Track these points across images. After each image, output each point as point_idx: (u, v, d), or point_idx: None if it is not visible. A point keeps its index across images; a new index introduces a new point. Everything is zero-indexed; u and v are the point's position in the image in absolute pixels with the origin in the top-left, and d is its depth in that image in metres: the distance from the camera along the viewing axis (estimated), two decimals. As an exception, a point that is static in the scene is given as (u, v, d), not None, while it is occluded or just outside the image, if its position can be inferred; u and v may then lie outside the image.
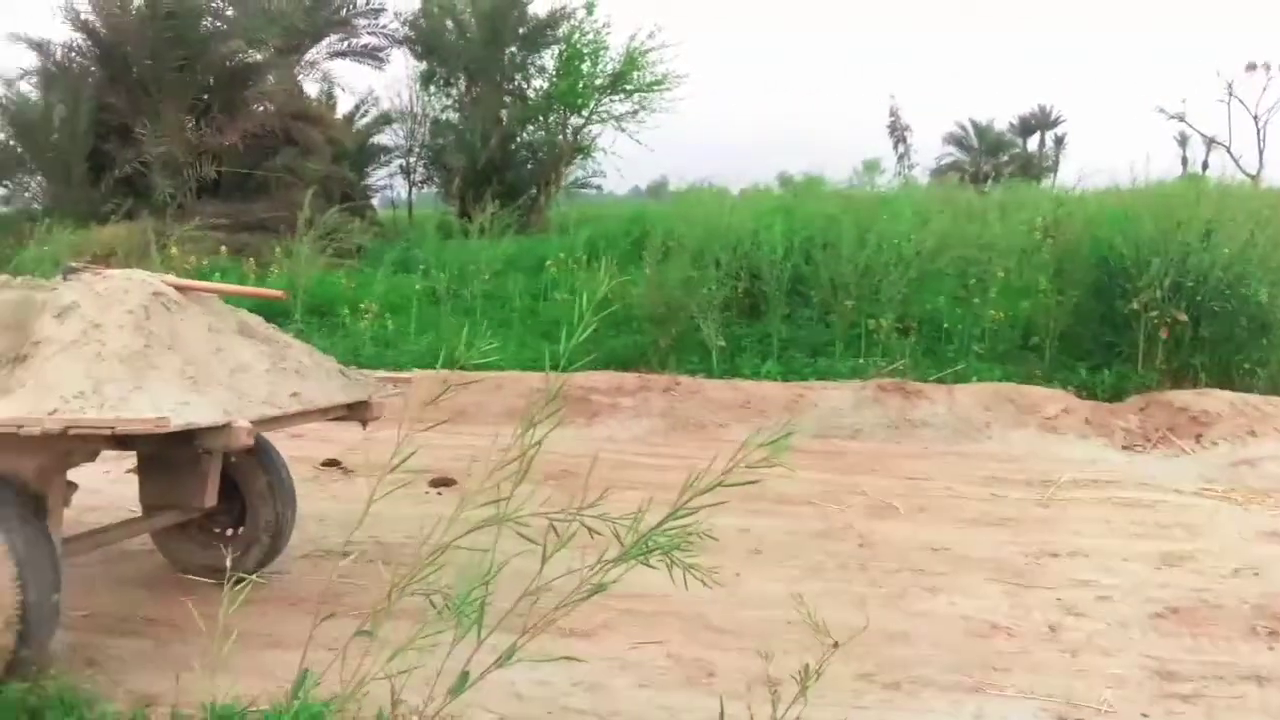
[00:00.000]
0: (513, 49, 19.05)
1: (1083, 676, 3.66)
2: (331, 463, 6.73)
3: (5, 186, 17.78)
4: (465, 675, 2.11)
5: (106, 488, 5.98)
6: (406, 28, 19.75)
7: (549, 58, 19.33)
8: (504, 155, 19.12)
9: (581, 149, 19.91)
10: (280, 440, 6.96)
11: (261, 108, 16.14)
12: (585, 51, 18.15)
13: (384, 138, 21.08)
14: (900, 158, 23.48)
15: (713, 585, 2.20)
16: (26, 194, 17.48)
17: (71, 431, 3.22)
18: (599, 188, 22.48)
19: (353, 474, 6.56)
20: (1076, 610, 4.30)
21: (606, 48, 18.18)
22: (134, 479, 4.71)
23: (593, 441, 6.85)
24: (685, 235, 9.39)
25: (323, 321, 10.35)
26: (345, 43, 19.92)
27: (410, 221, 20.32)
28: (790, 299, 9.10)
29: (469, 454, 6.64)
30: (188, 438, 3.45)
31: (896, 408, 7.49)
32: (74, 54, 15.94)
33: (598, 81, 18.47)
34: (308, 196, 11.68)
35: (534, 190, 19.46)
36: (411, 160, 21.40)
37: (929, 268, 8.96)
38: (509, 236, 13.38)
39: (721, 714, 2.77)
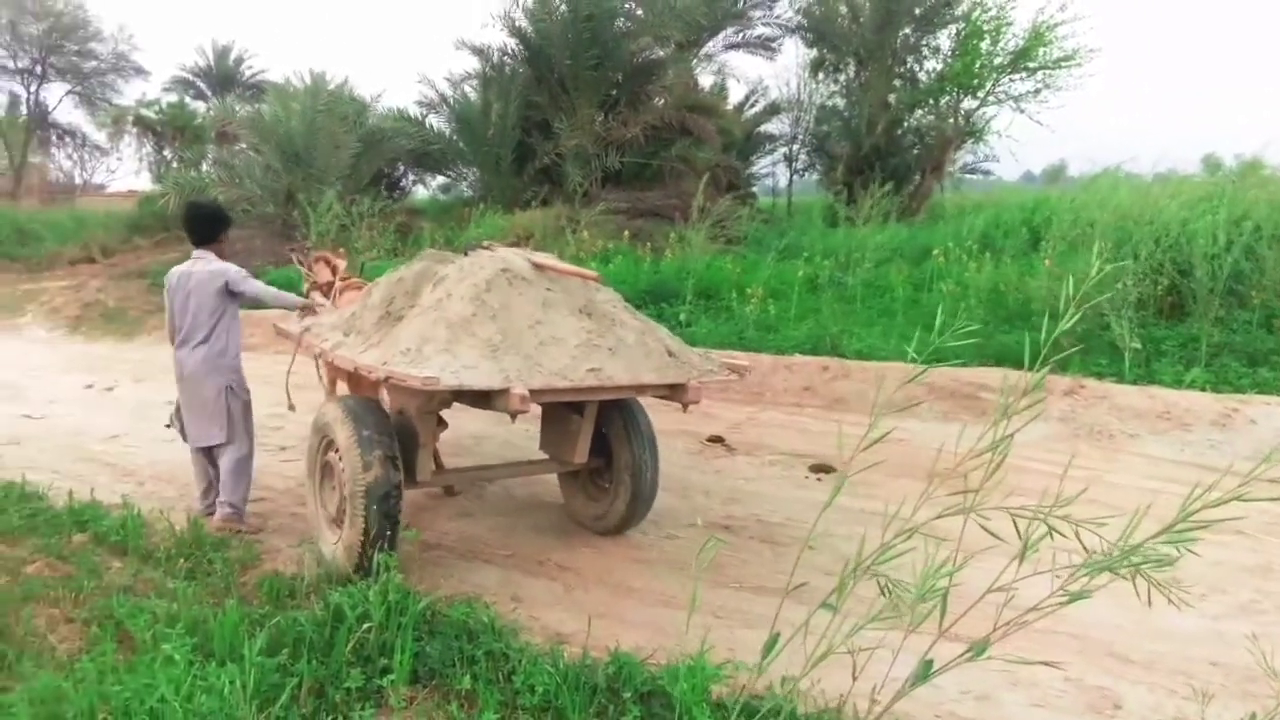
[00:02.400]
0: (906, 30, 18.49)
1: None
2: (716, 439, 7.01)
3: (448, 176, 20.62)
4: (929, 664, 2.07)
5: (524, 443, 6.77)
6: (800, 16, 19.94)
7: (944, 38, 18.53)
8: (889, 141, 18.67)
9: (972, 132, 18.88)
10: (667, 414, 7.41)
11: (661, 101, 17.11)
12: (986, 29, 17.11)
13: (770, 126, 21.51)
14: (1375, 134, 19.43)
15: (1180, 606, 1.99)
16: (463, 183, 20.14)
17: (390, 380, 3.84)
18: (988, 173, 21.25)
19: (735, 452, 6.78)
20: None
21: (1010, 23, 17.01)
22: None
23: (980, 442, 6.49)
24: (1098, 224, 8.52)
25: (709, 304, 10.79)
26: (740, 34, 20.57)
27: (789, 209, 20.56)
28: (1224, 299, 7.93)
29: (848, 443, 6.63)
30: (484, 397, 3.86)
31: (1365, 432, 6.26)
32: (507, 57, 17.94)
33: (996, 60, 17.35)
34: (701, 185, 12.19)
35: (918, 176, 18.81)
36: (795, 148, 21.64)
37: None
38: (892, 224, 13.05)
39: (1143, 753, 2.50)
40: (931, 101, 18.74)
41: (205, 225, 5.13)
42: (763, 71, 63.08)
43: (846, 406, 7.76)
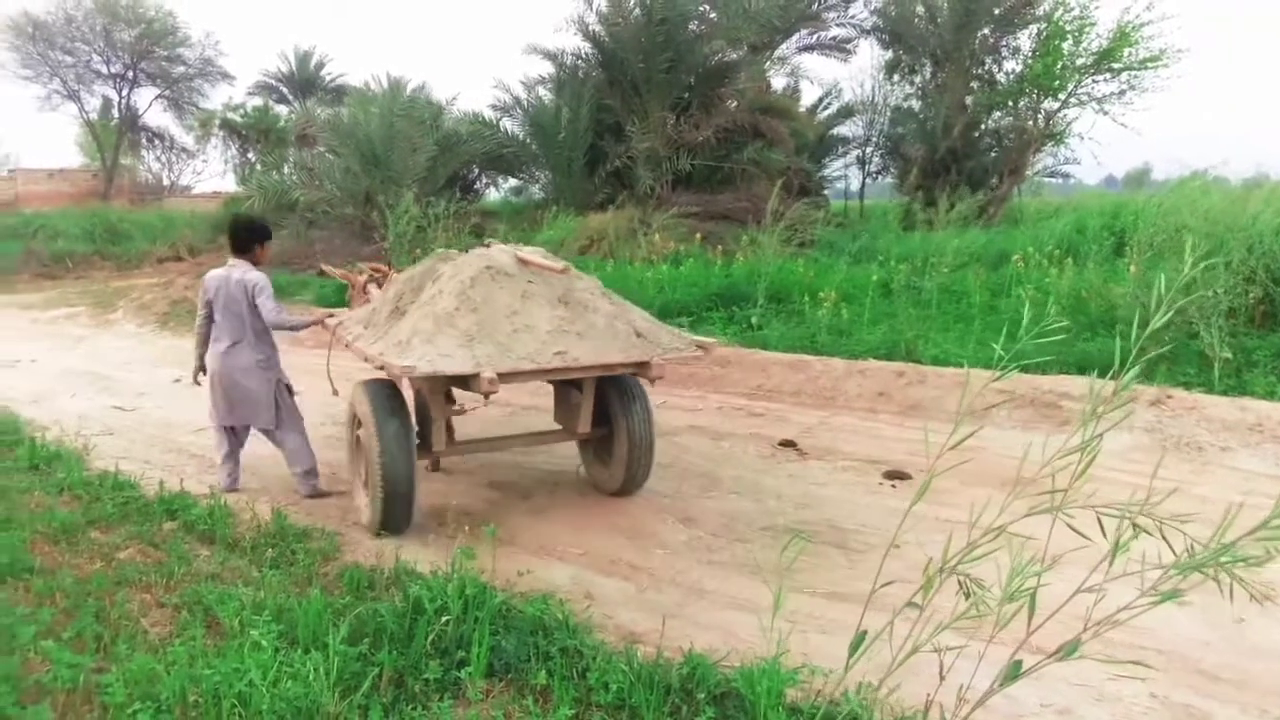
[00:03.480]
0: (985, 31, 18.15)
1: None
2: (788, 443, 6.94)
3: (520, 178, 20.85)
4: (1018, 664, 2.03)
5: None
6: (875, 17, 19.73)
7: (1025, 38, 18.17)
8: (966, 143, 18.37)
9: (1053, 135, 18.45)
10: (740, 419, 7.36)
11: (733, 103, 17.06)
12: (1068, 29, 16.70)
13: (843, 129, 21.30)
14: None
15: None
16: (535, 186, 20.33)
17: (383, 368, 4.41)
18: (1068, 176, 20.74)
19: (807, 456, 6.71)
20: None
21: (1094, 23, 16.59)
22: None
23: (1064, 447, 6.32)
24: (1188, 230, 8.22)
25: (781, 307, 10.70)
26: (814, 36, 20.44)
27: (862, 212, 20.32)
28: (1319, 308, 7.60)
29: (923, 448, 6.50)
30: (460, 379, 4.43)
31: None
32: (580, 61, 18.08)
33: (1079, 61, 16.93)
34: (775, 189, 12.11)
35: (996, 180, 18.44)
36: (868, 150, 21.39)
37: None
38: (969, 228, 12.79)
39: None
40: (1010, 103, 18.39)
41: (240, 237, 5.67)
42: (837, 73, 62.39)
43: (922, 413, 7.63)
